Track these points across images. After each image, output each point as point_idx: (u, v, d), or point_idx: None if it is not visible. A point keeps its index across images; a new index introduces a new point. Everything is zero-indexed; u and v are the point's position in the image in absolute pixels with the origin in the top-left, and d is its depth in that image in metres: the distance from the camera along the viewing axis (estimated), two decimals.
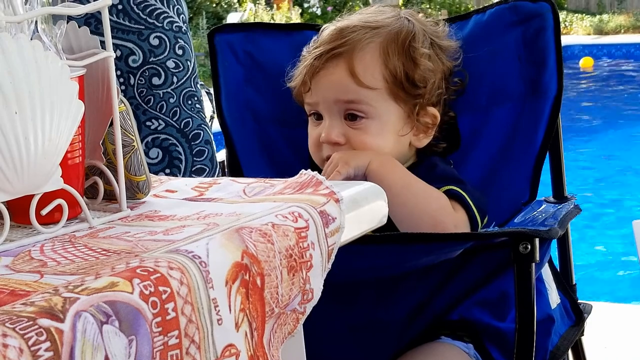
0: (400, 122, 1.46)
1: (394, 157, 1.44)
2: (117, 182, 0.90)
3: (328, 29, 1.52)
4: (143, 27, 1.63)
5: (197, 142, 1.67)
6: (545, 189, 1.55)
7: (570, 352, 1.51)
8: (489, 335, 1.37)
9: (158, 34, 1.64)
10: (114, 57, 0.90)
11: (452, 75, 1.52)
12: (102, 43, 0.90)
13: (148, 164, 1.09)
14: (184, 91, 1.66)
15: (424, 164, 1.46)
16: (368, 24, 1.48)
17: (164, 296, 0.64)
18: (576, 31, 13.03)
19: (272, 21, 12.03)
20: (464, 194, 1.38)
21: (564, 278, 1.55)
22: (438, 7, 13.87)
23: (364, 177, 1.39)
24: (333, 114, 1.45)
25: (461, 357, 1.35)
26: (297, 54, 1.60)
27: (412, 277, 1.34)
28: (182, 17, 1.69)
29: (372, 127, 1.44)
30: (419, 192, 1.37)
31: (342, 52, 1.45)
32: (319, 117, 1.49)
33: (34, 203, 0.80)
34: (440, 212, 1.35)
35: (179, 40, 1.66)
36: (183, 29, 1.68)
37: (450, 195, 1.38)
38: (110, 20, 0.93)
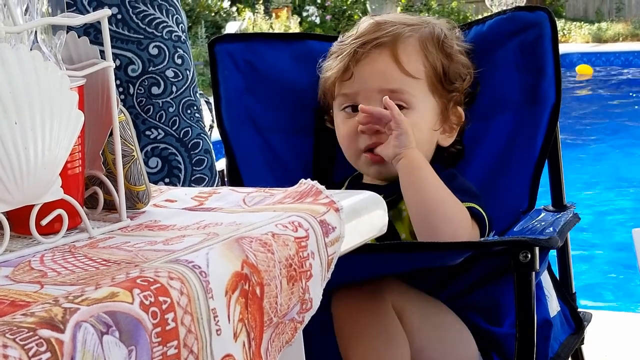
0: (435, 117, 1.48)
1: (425, 153, 1.46)
2: (117, 192, 0.90)
3: (366, 22, 1.53)
4: (142, 36, 1.63)
5: (197, 151, 1.67)
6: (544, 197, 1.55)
7: None
8: (486, 340, 1.37)
9: (157, 43, 1.64)
10: (114, 66, 0.90)
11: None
12: (102, 53, 0.90)
13: (147, 173, 1.09)
14: (183, 100, 1.66)
15: (441, 174, 1.46)
16: (402, 21, 1.51)
17: (164, 306, 0.64)
18: (574, 39, 13.05)
19: (270, 30, 12.04)
20: (484, 214, 1.39)
21: (563, 286, 1.55)
22: (437, 15, 13.88)
23: (401, 148, 1.38)
24: (374, 104, 1.45)
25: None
26: (297, 63, 1.60)
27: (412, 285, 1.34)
28: (181, 27, 1.69)
29: (412, 118, 1.45)
30: (449, 199, 1.37)
31: (386, 41, 1.47)
32: (353, 109, 1.48)
33: (34, 213, 0.80)
34: (461, 228, 1.35)
35: (178, 49, 1.66)
36: (182, 38, 1.68)
37: (472, 213, 1.38)
38: (109, 30, 0.93)
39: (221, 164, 1.70)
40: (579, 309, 1.55)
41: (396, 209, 1.44)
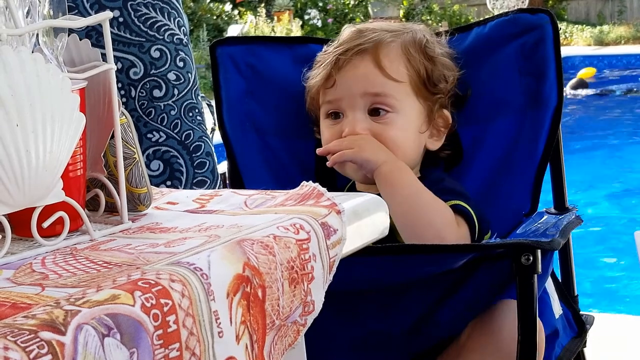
0: (420, 120, 1.49)
1: (412, 155, 1.47)
2: (119, 195, 0.90)
3: (348, 30, 1.55)
4: (144, 39, 1.63)
5: (198, 154, 1.67)
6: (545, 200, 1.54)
7: None
8: None
9: (159, 46, 1.64)
10: (115, 69, 0.90)
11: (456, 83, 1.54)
12: (103, 55, 0.90)
13: (149, 176, 1.09)
14: (185, 103, 1.66)
15: (429, 178, 1.46)
16: (384, 28, 1.52)
17: (165, 309, 0.64)
18: (576, 42, 13.05)
19: (272, 33, 12.05)
20: (470, 209, 1.38)
21: (565, 289, 1.55)
22: (439, 18, 13.89)
23: (370, 174, 1.40)
24: (357, 109, 1.47)
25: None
26: (299, 66, 1.60)
27: (414, 289, 1.34)
28: (183, 30, 1.69)
29: (397, 122, 1.46)
30: (427, 203, 1.37)
31: (367, 47, 1.48)
32: (336, 116, 1.49)
33: (36, 216, 0.80)
34: (445, 227, 1.35)
35: (180, 52, 1.66)
36: (184, 41, 1.68)
37: (456, 210, 1.38)
38: (111, 32, 0.93)
39: (223, 167, 1.70)
40: (581, 312, 1.54)
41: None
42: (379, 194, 1.43)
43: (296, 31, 12.59)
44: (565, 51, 8.08)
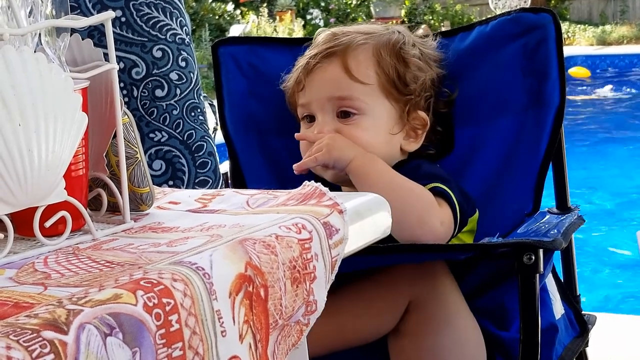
0: (391, 121, 1.48)
1: (384, 156, 1.45)
2: (121, 194, 0.90)
3: (322, 34, 1.56)
4: (146, 39, 1.63)
5: (200, 153, 1.67)
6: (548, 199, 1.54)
7: None
8: (493, 344, 1.37)
9: (161, 46, 1.64)
10: (117, 69, 0.90)
11: (440, 83, 1.53)
12: (106, 55, 0.90)
13: (151, 175, 1.09)
14: (187, 103, 1.66)
15: (407, 165, 1.46)
16: (360, 31, 1.52)
17: (167, 308, 0.64)
18: (579, 42, 13.03)
19: (274, 33, 12.05)
20: (448, 190, 1.38)
21: (567, 289, 1.55)
22: (441, 18, 13.88)
23: (343, 172, 1.40)
24: (326, 112, 1.47)
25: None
26: None
27: None
28: (185, 30, 1.69)
29: (365, 123, 1.46)
30: (403, 189, 1.36)
31: (336, 50, 1.49)
32: (311, 119, 1.50)
33: (38, 215, 0.81)
34: (425, 211, 1.34)
35: (182, 52, 1.67)
36: (186, 41, 1.68)
37: (435, 192, 1.37)
38: (113, 32, 0.93)
39: (225, 167, 1.70)
40: (583, 312, 1.54)
41: None
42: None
43: (298, 31, 12.58)
44: (567, 51, 8.08)
